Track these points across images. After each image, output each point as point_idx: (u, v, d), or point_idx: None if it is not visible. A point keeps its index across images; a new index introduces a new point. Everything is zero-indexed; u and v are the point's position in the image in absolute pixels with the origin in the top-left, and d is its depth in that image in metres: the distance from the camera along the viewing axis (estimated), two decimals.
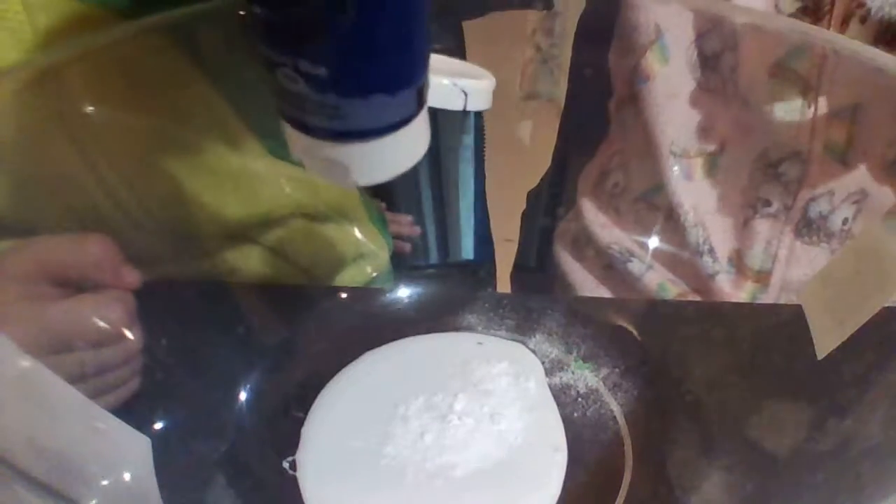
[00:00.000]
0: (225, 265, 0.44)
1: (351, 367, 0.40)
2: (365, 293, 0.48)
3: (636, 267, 0.51)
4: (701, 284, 0.50)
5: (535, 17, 0.62)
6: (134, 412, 0.30)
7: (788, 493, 0.31)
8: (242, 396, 0.38)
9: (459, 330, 0.43)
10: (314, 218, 0.47)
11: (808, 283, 0.36)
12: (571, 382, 0.39)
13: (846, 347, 0.31)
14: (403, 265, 0.52)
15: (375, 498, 0.33)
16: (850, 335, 0.31)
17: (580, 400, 0.38)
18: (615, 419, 0.37)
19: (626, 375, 0.39)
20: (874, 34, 0.42)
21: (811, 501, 0.30)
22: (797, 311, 0.35)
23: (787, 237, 0.47)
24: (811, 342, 0.33)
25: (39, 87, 0.33)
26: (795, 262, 0.47)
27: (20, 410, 0.25)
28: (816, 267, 0.47)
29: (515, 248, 0.59)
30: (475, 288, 0.50)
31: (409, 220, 0.55)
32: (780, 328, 0.41)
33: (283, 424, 0.37)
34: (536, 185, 0.58)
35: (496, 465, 0.34)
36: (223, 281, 0.44)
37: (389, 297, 0.46)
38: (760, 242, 0.48)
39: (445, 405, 0.37)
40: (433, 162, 0.50)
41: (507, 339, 0.42)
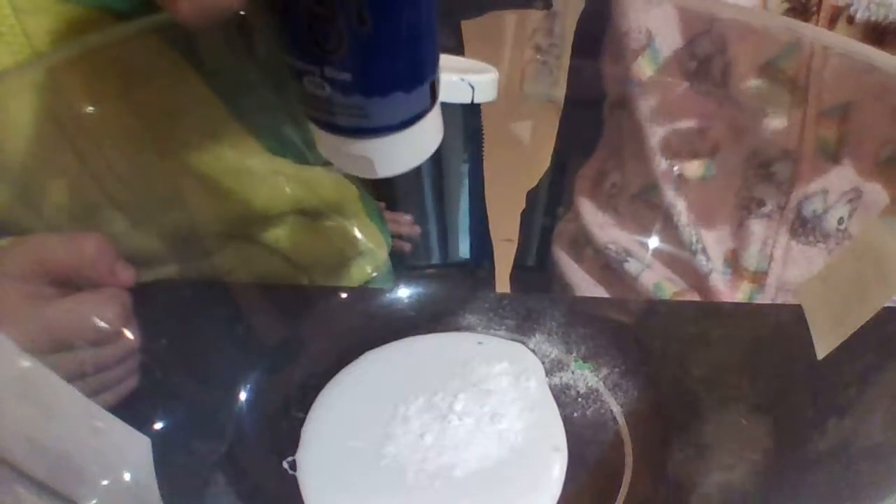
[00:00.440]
0: (224, 265, 0.44)
1: (351, 367, 0.40)
2: (365, 293, 0.48)
3: (633, 266, 0.51)
4: (698, 283, 0.50)
5: (535, 17, 0.62)
6: (134, 412, 0.30)
7: (788, 493, 0.31)
8: (242, 396, 0.38)
9: (459, 330, 0.43)
10: (313, 216, 0.47)
11: (807, 282, 0.36)
12: (571, 382, 0.39)
13: (846, 347, 0.31)
14: (403, 265, 0.52)
15: (375, 498, 0.33)
16: (850, 335, 0.31)
17: (580, 400, 0.38)
18: (615, 419, 0.37)
19: (626, 375, 0.39)
20: (862, 34, 0.42)
21: (811, 501, 0.30)
22: (797, 311, 0.35)
23: (782, 237, 0.47)
24: (811, 342, 0.33)
25: (36, 88, 0.33)
26: (791, 262, 0.47)
27: (20, 410, 0.25)
28: (813, 267, 0.47)
29: (515, 247, 0.59)
30: (475, 288, 0.50)
31: (408, 219, 0.55)
32: (779, 328, 0.41)
33: (283, 424, 0.37)
34: (536, 184, 0.58)
35: (496, 465, 0.34)
36: (223, 281, 0.44)
37: (389, 297, 0.46)
38: (756, 243, 0.48)
39: (445, 405, 0.37)
40: (434, 162, 0.50)
41: (507, 339, 0.42)
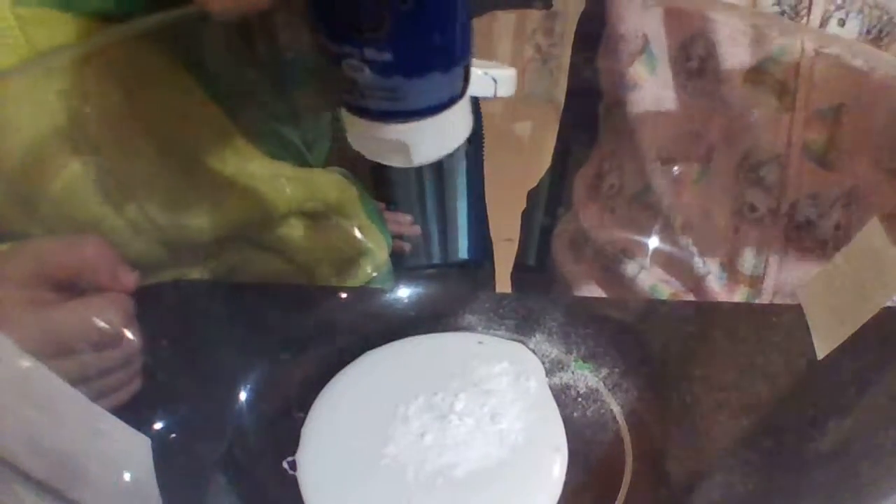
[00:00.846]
0: (225, 265, 0.44)
1: (351, 367, 0.40)
2: (365, 293, 0.48)
3: (630, 268, 0.51)
4: (694, 285, 0.50)
5: (535, 17, 0.63)
6: (134, 412, 0.30)
7: (788, 493, 0.31)
8: (242, 396, 0.38)
9: (459, 330, 0.43)
10: (314, 217, 0.47)
11: (807, 283, 0.36)
12: (571, 382, 0.39)
13: (846, 347, 0.31)
14: (403, 265, 0.52)
15: (375, 498, 0.33)
16: (850, 335, 0.31)
17: (580, 400, 0.38)
18: (615, 419, 0.37)
19: (626, 375, 0.39)
20: (853, 36, 0.42)
21: (811, 501, 0.30)
22: (797, 311, 0.35)
23: (777, 242, 0.47)
24: (811, 342, 0.33)
25: (35, 91, 0.34)
26: (787, 267, 0.47)
27: (21, 411, 0.25)
28: (809, 272, 0.46)
29: (515, 247, 0.59)
30: (475, 288, 0.50)
31: (408, 219, 0.55)
32: (779, 328, 0.41)
33: (283, 424, 0.37)
34: (536, 184, 0.58)
35: (496, 464, 0.34)
36: (223, 281, 0.44)
37: (389, 297, 0.46)
38: (751, 248, 0.47)
39: (446, 405, 0.37)
40: (434, 162, 0.50)
41: (507, 338, 0.42)
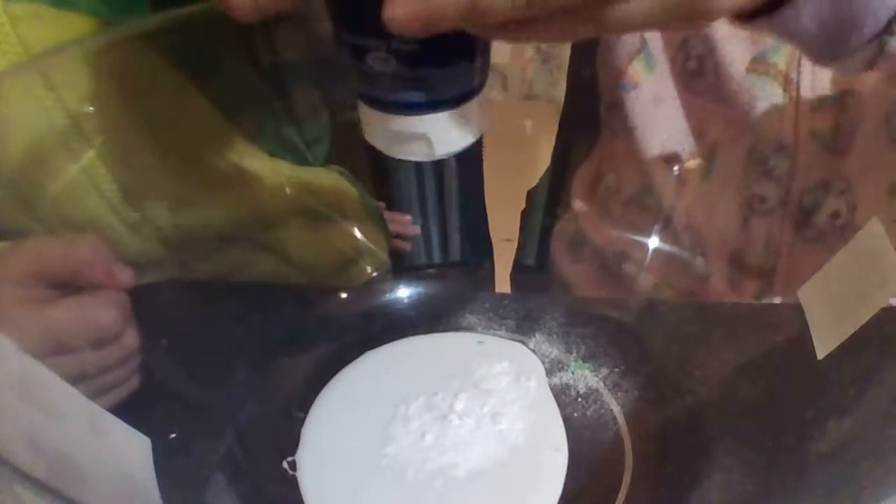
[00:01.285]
0: (225, 266, 0.44)
1: (351, 367, 0.40)
2: (365, 293, 0.48)
3: (629, 269, 0.51)
4: (694, 287, 0.50)
5: None
6: (134, 412, 0.30)
7: (788, 493, 0.31)
8: (242, 396, 0.38)
9: (459, 330, 0.43)
10: (314, 217, 0.47)
11: (807, 283, 0.36)
12: (571, 382, 0.39)
13: (846, 347, 0.31)
14: (403, 265, 0.52)
15: (376, 498, 0.33)
16: (850, 335, 0.31)
17: (580, 400, 0.38)
18: (615, 419, 0.37)
19: (626, 375, 0.39)
20: None
21: (811, 501, 0.30)
22: (797, 311, 0.35)
23: (787, 234, 0.47)
24: (811, 342, 0.33)
25: (33, 92, 0.33)
26: (798, 258, 0.47)
27: (20, 410, 0.25)
28: (819, 262, 0.46)
29: (515, 247, 0.58)
30: (475, 288, 0.50)
31: (408, 219, 0.55)
32: (780, 328, 0.41)
33: (283, 424, 0.37)
34: (536, 184, 0.57)
35: (496, 464, 0.34)
36: (223, 281, 0.44)
37: (389, 297, 0.46)
38: (761, 240, 0.48)
39: (446, 405, 0.37)
40: (433, 162, 0.50)
41: (507, 338, 0.42)
